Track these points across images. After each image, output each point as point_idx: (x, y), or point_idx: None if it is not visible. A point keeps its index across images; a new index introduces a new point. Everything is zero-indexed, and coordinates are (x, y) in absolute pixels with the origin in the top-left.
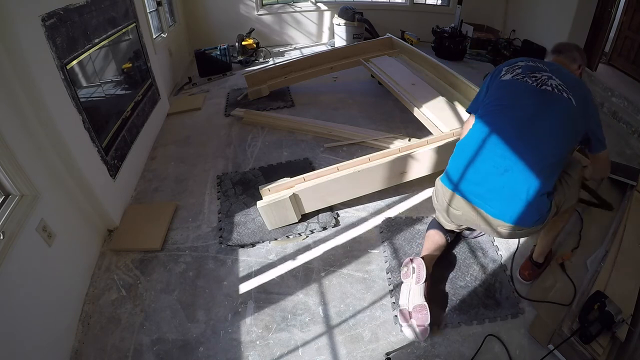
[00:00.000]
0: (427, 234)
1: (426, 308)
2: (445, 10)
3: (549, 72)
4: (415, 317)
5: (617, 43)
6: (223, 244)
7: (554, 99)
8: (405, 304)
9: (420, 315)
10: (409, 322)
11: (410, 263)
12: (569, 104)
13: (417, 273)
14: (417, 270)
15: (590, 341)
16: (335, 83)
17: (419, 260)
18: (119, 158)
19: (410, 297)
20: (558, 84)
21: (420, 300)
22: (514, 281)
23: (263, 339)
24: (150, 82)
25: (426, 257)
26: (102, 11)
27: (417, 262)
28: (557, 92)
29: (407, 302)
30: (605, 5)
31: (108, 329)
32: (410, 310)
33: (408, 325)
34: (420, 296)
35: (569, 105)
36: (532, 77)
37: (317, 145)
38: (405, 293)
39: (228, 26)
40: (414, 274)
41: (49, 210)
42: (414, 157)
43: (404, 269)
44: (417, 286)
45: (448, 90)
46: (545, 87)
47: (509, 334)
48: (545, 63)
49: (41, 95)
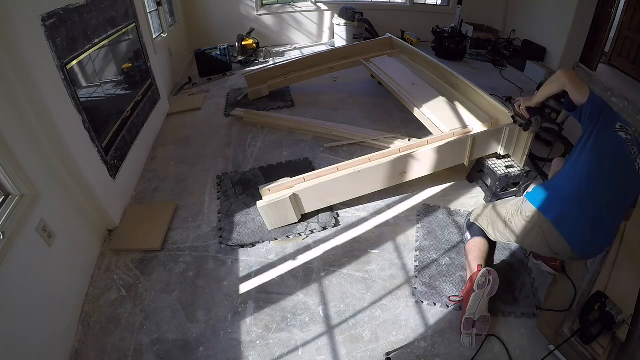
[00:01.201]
0: (474, 241)
1: (489, 319)
2: (445, 10)
3: (638, 148)
4: (477, 327)
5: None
6: (223, 244)
7: (638, 178)
8: (473, 313)
9: (483, 325)
10: (470, 330)
11: (489, 274)
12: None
13: (492, 286)
14: (492, 283)
15: (591, 341)
16: (335, 83)
17: (496, 275)
18: (119, 158)
19: (480, 307)
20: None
21: (486, 311)
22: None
23: (263, 339)
24: (150, 82)
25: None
26: (102, 11)
27: (495, 276)
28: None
29: (475, 312)
30: (605, 5)
31: (108, 329)
32: (476, 319)
33: (468, 334)
34: (487, 307)
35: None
36: (633, 149)
37: (317, 145)
38: (476, 302)
39: (228, 26)
40: (489, 286)
41: (49, 210)
42: (414, 157)
43: (482, 279)
44: (487, 298)
45: (448, 90)
46: (636, 164)
47: (509, 334)
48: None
49: (41, 95)
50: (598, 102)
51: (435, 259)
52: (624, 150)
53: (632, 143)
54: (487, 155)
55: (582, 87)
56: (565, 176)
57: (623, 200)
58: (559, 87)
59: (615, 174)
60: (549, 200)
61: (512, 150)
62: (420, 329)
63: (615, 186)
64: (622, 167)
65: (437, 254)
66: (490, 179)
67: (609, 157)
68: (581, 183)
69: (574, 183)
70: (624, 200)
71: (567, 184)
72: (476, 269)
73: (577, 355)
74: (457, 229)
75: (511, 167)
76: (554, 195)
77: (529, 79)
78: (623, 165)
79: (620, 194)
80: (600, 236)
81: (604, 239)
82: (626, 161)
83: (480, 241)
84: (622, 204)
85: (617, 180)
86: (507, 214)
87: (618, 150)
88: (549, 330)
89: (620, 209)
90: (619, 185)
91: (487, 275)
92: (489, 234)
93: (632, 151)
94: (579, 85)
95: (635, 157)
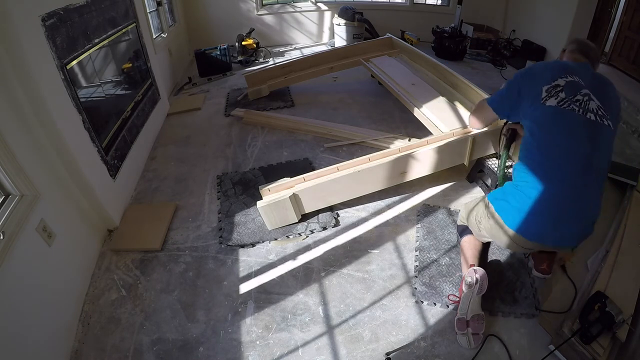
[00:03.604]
0: (465, 240)
1: (483, 318)
2: (445, 10)
3: (586, 88)
4: (472, 326)
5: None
6: (223, 244)
7: (601, 132)
8: (464, 313)
9: (477, 324)
10: (465, 330)
11: (475, 274)
12: (610, 131)
13: (480, 284)
14: (480, 282)
15: (591, 341)
16: (335, 83)
17: (482, 273)
18: (119, 158)
19: (470, 307)
20: (597, 106)
21: (478, 310)
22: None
23: (263, 339)
24: (150, 82)
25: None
26: (102, 11)
27: (481, 274)
28: (599, 120)
29: (467, 312)
30: (605, 5)
31: (108, 329)
32: (468, 319)
33: (463, 334)
34: (479, 306)
35: (610, 132)
36: (576, 102)
37: (317, 145)
38: (466, 302)
39: (228, 26)
40: (477, 285)
41: (49, 210)
42: (414, 157)
43: (469, 278)
44: (478, 297)
45: (448, 90)
46: (589, 114)
47: (509, 334)
48: (577, 71)
49: (41, 95)
50: (502, 96)
51: (435, 259)
52: (562, 117)
53: (571, 95)
54: (487, 155)
55: (481, 109)
56: (518, 172)
57: (589, 168)
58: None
59: (562, 146)
60: (505, 200)
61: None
62: (420, 329)
63: (569, 164)
64: (568, 138)
65: (437, 254)
66: (490, 179)
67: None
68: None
69: (525, 181)
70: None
71: (518, 181)
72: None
73: (577, 355)
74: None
75: (511, 167)
76: (512, 197)
77: None
78: (568, 133)
79: (581, 166)
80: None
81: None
82: (572, 127)
83: (470, 240)
84: (589, 171)
85: (567, 151)
86: (477, 217)
87: (554, 125)
88: (550, 326)
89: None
90: (574, 156)
91: (472, 274)
92: (474, 233)
93: (575, 107)
94: (478, 111)
95: (584, 110)
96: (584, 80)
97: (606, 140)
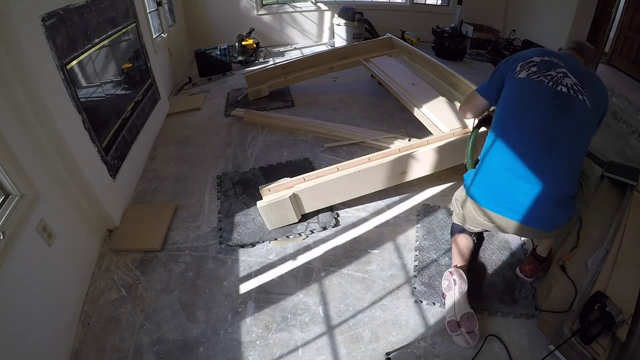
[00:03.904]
0: (454, 239)
1: (473, 315)
2: (445, 10)
3: (563, 68)
4: (464, 326)
5: (617, 43)
6: (223, 244)
7: (570, 104)
8: (453, 315)
9: (469, 322)
10: (458, 331)
11: (451, 275)
12: (584, 107)
13: (459, 285)
14: (458, 282)
15: (591, 342)
16: (335, 83)
17: (459, 272)
18: (119, 158)
19: (456, 308)
20: (573, 83)
21: (466, 308)
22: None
23: (263, 339)
24: (150, 82)
25: (463, 267)
26: (102, 11)
27: (458, 273)
28: (573, 94)
29: (455, 313)
30: (605, 5)
31: (108, 329)
32: (458, 320)
33: (458, 335)
34: (466, 304)
35: (585, 109)
36: (548, 76)
37: (317, 145)
38: (450, 305)
39: (228, 26)
40: (456, 286)
41: (49, 210)
42: (414, 157)
43: (446, 282)
44: (462, 296)
45: (448, 90)
46: (561, 87)
47: (509, 334)
48: (561, 57)
49: (41, 95)
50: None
51: (434, 258)
52: (529, 88)
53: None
54: None
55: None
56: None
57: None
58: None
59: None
60: (471, 179)
61: None
62: (420, 329)
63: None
64: (532, 108)
65: (437, 254)
66: None
67: (511, 109)
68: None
69: (486, 153)
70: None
71: (482, 155)
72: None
73: (577, 355)
74: None
75: None
76: (475, 172)
77: None
78: (533, 105)
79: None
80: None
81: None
82: (538, 97)
83: (457, 239)
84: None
85: (531, 119)
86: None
87: (521, 94)
88: (549, 330)
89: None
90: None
91: (449, 277)
92: (459, 221)
93: (546, 80)
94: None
95: (555, 82)
96: (566, 65)
97: (579, 115)
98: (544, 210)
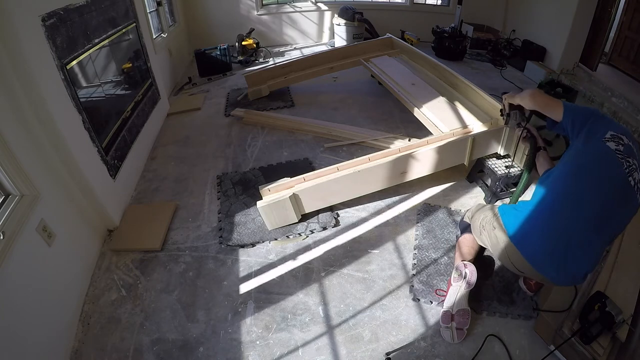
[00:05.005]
0: (463, 237)
1: (469, 313)
2: (445, 10)
3: (638, 161)
4: (457, 321)
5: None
6: (223, 244)
7: (631, 200)
8: (451, 306)
9: (463, 319)
10: (449, 324)
11: (464, 268)
12: (637, 206)
13: (468, 279)
14: (469, 277)
15: (591, 342)
16: (335, 83)
17: (472, 267)
18: (119, 158)
19: (457, 300)
20: (639, 180)
21: (465, 305)
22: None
23: (263, 339)
24: (150, 82)
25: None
26: (102, 11)
27: (471, 268)
28: (637, 191)
29: (453, 305)
30: (605, 5)
31: (108, 329)
32: (454, 313)
33: (447, 327)
34: (466, 301)
35: (636, 209)
36: (627, 162)
37: (317, 145)
38: (453, 295)
39: (228, 26)
40: (465, 280)
41: (49, 210)
42: (414, 157)
43: (456, 273)
44: (466, 292)
45: (448, 90)
46: (631, 179)
47: (510, 334)
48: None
49: (41, 95)
50: (577, 112)
51: (433, 257)
52: (611, 162)
53: (627, 154)
54: (487, 155)
55: (553, 107)
56: (537, 192)
57: (604, 225)
58: (531, 107)
59: (594, 192)
60: (516, 219)
61: (512, 150)
62: (420, 329)
63: (591, 207)
64: (605, 183)
65: (436, 253)
66: (490, 179)
67: (586, 172)
68: (549, 201)
69: (541, 201)
70: (605, 224)
71: (535, 201)
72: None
73: (577, 355)
74: (457, 229)
75: (511, 167)
76: (522, 212)
77: (529, 79)
78: (607, 180)
79: (600, 217)
80: (570, 263)
81: (576, 266)
82: (613, 176)
83: (470, 238)
84: (604, 228)
85: (596, 199)
86: (483, 222)
87: (601, 163)
88: (547, 333)
89: (601, 234)
90: (599, 206)
91: (462, 268)
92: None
93: (625, 164)
94: (549, 106)
95: (630, 171)
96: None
97: (630, 211)
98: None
